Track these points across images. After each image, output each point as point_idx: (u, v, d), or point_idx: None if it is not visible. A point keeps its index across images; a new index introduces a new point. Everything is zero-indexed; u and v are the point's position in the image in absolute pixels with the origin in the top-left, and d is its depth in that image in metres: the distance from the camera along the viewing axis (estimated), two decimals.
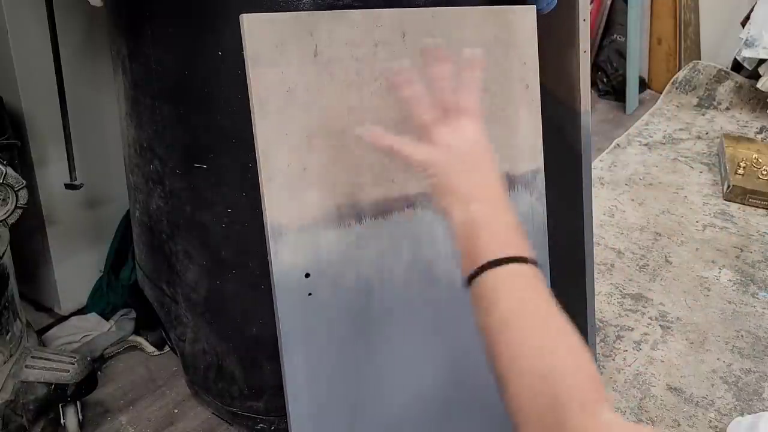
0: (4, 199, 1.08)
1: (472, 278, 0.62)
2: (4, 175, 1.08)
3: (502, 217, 0.65)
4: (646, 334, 1.62)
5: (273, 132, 0.83)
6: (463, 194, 0.65)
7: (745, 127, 3.01)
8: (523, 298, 0.59)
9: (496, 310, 0.59)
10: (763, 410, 1.37)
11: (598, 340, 1.57)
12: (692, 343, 1.59)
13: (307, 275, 0.87)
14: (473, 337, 1.04)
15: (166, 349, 1.53)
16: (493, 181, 0.67)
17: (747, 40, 2.88)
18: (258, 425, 1.24)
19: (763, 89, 2.93)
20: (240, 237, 1.07)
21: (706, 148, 2.80)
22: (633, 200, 2.32)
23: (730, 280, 1.85)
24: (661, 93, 3.33)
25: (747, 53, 2.89)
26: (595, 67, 3.43)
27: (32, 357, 1.21)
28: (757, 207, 2.29)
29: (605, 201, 2.31)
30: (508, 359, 0.57)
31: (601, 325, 1.64)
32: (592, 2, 3.22)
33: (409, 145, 0.68)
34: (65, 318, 1.59)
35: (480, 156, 0.67)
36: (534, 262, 0.62)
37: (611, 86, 3.38)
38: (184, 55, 1.01)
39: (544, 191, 1.08)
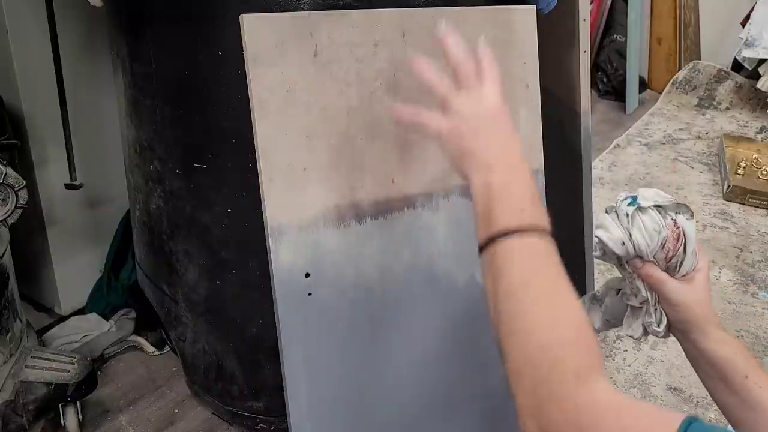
0: (4, 199, 1.08)
1: (484, 246, 0.62)
2: (4, 175, 1.08)
3: (518, 184, 0.65)
4: None
5: (273, 132, 0.83)
6: (482, 158, 0.66)
7: (745, 127, 3.01)
8: (532, 269, 0.60)
9: (502, 280, 0.59)
10: None
11: (598, 340, 1.57)
12: None
13: (307, 275, 0.87)
14: (473, 336, 1.04)
15: (166, 349, 1.53)
16: (512, 144, 0.67)
17: (747, 40, 2.88)
18: (258, 425, 1.24)
19: (763, 89, 2.93)
20: (240, 237, 1.07)
21: (706, 148, 2.79)
22: None
23: (730, 280, 1.85)
24: (661, 93, 3.33)
25: (747, 53, 2.89)
26: (595, 67, 3.43)
27: (32, 357, 1.21)
28: (757, 207, 2.29)
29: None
30: (509, 330, 0.58)
31: None
32: (592, 2, 3.22)
33: (428, 115, 0.71)
34: (65, 318, 1.59)
35: (498, 120, 0.68)
36: (547, 231, 0.63)
37: (611, 86, 3.38)
38: (184, 55, 1.01)
39: (544, 191, 1.08)
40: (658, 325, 0.82)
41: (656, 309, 0.83)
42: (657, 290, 0.79)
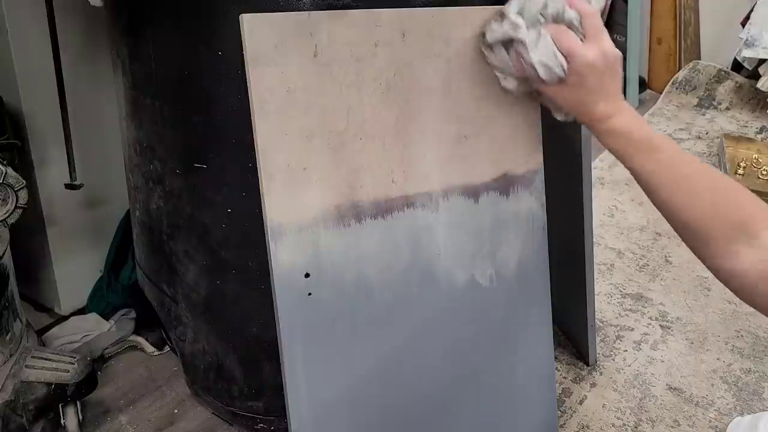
0: (4, 199, 1.08)
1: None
2: (4, 175, 1.08)
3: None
4: (646, 334, 1.62)
5: (273, 132, 0.83)
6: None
7: (745, 127, 3.01)
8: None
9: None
10: (763, 410, 1.37)
11: (598, 340, 1.57)
12: (692, 343, 1.59)
13: (307, 275, 0.87)
14: (473, 336, 1.04)
15: (166, 349, 1.53)
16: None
17: (747, 40, 2.88)
18: (258, 425, 1.24)
19: (763, 89, 2.93)
20: (240, 237, 1.07)
21: (706, 148, 2.80)
22: (633, 200, 2.32)
23: None
24: (661, 93, 3.33)
25: (747, 53, 2.89)
26: None
27: (32, 357, 1.21)
28: None
29: (605, 201, 2.31)
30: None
31: (601, 325, 1.64)
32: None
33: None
34: (65, 318, 1.59)
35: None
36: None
37: None
38: (184, 55, 1.02)
39: (544, 191, 1.08)
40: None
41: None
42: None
